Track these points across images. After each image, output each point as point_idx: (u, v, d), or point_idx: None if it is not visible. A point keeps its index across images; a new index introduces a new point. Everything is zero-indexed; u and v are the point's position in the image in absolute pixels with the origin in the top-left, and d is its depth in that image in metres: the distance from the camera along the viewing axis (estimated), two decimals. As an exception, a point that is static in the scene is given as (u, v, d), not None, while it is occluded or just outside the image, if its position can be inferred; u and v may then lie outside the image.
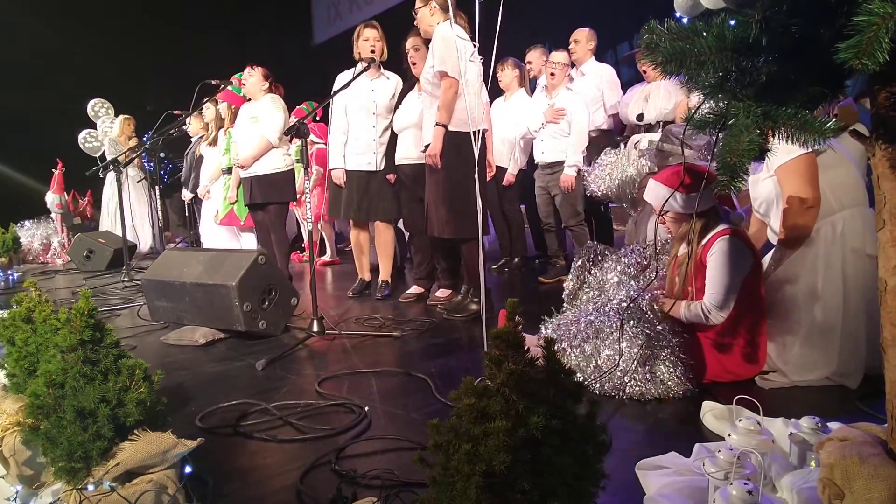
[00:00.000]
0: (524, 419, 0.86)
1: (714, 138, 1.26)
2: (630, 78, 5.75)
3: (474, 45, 3.12)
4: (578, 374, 2.18)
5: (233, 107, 4.97)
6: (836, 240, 2.20)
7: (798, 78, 1.20)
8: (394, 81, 4.00)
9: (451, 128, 3.28)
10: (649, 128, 4.17)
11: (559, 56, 4.18)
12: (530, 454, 0.87)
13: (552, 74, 4.18)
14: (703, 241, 2.25)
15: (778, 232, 2.34)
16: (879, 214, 1.24)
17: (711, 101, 1.24)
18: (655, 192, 2.31)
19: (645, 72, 4.21)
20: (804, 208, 2.18)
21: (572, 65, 4.49)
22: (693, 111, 1.29)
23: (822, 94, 1.23)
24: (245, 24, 11.02)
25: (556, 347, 2.17)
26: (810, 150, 2.12)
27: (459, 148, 3.26)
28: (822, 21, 1.11)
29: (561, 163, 4.21)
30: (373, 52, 3.77)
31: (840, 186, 2.23)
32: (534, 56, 4.88)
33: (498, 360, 0.91)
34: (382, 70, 3.97)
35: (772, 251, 2.41)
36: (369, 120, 3.93)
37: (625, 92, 4.79)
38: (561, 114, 4.10)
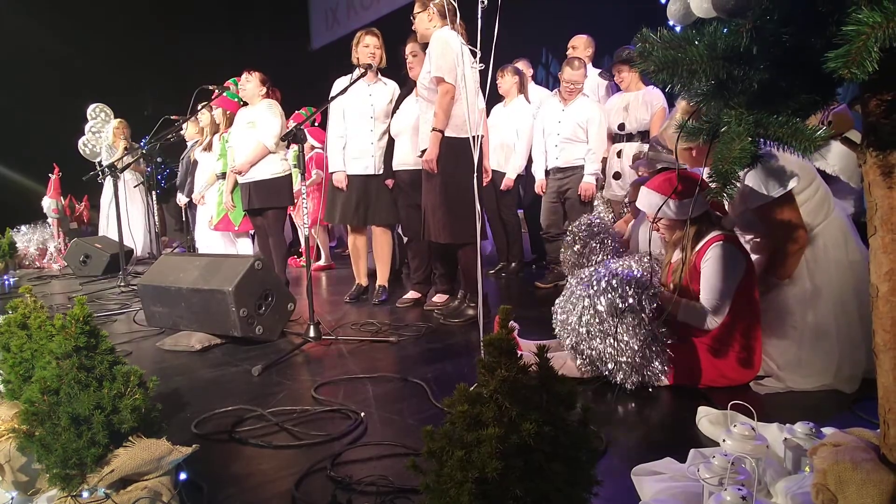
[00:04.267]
0: (517, 426, 0.87)
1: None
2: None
3: (475, 52, 3.14)
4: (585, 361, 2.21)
5: (227, 112, 4.98)
6: (817, 254, 2.23)
7: (790, 86, 1.21)
8: (391, 87, 4.02)
9: (447, 133, 3.29)
10: (630, 137, 4.22)
11: (576, 75, 4.19)
12: (523, 461, 0.87)
13: (570, 92, 4.21)
14: (697, 248, 2.26)
15: (756, 253, 2.37)
16: (871, 221, 1.25)
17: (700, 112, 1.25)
18: (648, 200, 2.32)
19: (621, 81, 4.27)
20: (793, 251, 2.21)
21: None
22: (685, 120, 1.30)
23: (814, 102, 1.24)
24: (243, 29, 11.05)
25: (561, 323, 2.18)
26: (789, 188, 2.15)
27: (456, 153, 3.27)
28: (813, 30, 1.12)
29: (574, 168, 4.24)
30: (372, 58, 3.79)
31: (811, 206, 2.26)
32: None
33: (491, 367, 0.91)
34: (380, 76, 4.00)
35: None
36: (367, 124, 3.95)
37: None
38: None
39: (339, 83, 3.93)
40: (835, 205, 2.32)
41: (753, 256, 2.41)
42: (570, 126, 4.21)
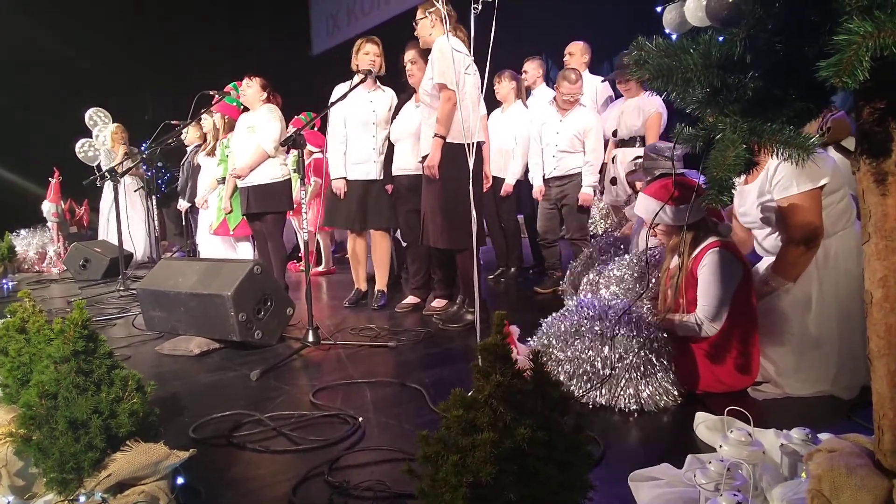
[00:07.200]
0: (511, 430, 0.87)
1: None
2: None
3: (471, 58, 3.16)
4: (573, 382, 2.19)
5: (227, 117, 4.99)
6: (828, 262, 2.22)
7: (783, 94, 1.22)
8: (389, 94, 4.05)
9: (449, 139, 3.31)
10: (623, 143, 4.24)
11: (574, 88, 4.20)
12: (517, 465, 0.88)
13: (568, 103, 4.21)
14: (694, 254, 2.27)
15: (771, 252, 2.35)
16: (865, 228, 1.26)
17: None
18: (645, 206, 2.34)
19: (622, 88, 4.29)
20: (806, 248, 2.19)
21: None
22: (680, 128, 1.31)
23: (808, 110, 1.26)
24: (244, 34, 11.07)
25: (548, 353, 2.17)
26: (819, 185, 2.14)
27: (457, 159, 3.27)
28: (806, 39, 1.13)
29: (571, 175, 4.25)
30: (372, 65, 3.82)
31: (834, 212, 2.24)
32: (531, 66, 4.94)
33: (486, 372, 0.92)
34: (378, 83, 4.02)
35: (762, 269, 2.43)
36: (370, 130, 3.97)
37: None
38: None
39: (339, 90, 3.95)
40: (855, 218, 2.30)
41: (768, 259, 2.40)
42: (567, 137, 4.22)
